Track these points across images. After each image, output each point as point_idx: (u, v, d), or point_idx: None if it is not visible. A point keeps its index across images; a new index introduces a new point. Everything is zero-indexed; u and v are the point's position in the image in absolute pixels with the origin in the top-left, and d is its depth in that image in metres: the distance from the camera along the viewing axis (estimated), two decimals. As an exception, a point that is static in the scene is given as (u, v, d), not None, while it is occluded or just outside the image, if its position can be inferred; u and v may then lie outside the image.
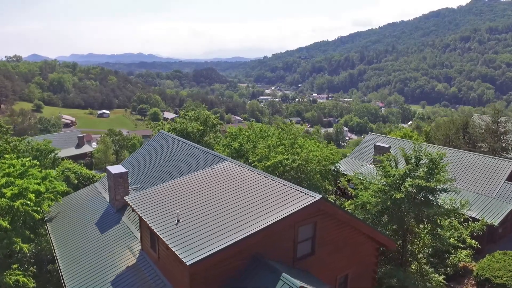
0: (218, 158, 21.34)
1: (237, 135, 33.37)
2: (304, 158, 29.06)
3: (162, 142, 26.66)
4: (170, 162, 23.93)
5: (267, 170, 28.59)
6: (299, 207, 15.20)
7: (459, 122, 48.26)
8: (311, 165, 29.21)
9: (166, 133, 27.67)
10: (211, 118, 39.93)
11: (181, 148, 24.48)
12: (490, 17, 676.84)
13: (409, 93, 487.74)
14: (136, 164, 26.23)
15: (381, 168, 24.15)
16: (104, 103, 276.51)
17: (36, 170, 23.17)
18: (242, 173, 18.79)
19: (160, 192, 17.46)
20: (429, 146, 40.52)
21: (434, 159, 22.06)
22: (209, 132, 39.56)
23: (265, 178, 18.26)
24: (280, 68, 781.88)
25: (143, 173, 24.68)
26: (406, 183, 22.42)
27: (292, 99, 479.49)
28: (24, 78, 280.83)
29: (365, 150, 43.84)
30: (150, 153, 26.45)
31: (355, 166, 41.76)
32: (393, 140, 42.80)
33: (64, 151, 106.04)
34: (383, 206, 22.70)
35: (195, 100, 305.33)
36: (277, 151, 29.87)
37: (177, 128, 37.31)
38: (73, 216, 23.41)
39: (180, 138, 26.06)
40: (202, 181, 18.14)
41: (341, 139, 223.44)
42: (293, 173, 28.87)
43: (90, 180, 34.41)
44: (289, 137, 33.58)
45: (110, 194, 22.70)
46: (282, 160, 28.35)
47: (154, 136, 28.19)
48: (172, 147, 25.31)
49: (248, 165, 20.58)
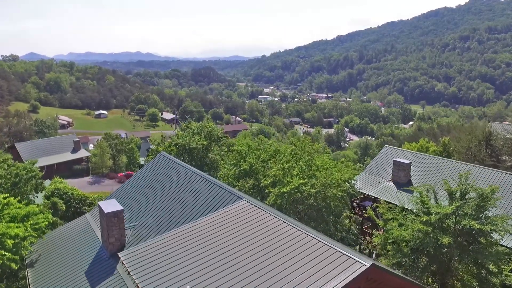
0: (231, 196, 17.94)
1: (246, 154, 30.03)
2: (324, 183, 25.79)
3: (164, 168, 23.18)
4: (173, 195, 20.53)
5: (282, 197, 25.30)
6: (344, 281, 11.74)
7: (481, 134, 45.02)
8: (331, 190, 25.94)
9: (168, 156, 24.26)
10: (216, 131, 36.54)
11: (187, 178, 21.06)
12: (489, 17, 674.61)
13: (409, 93, 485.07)
14: (133, 194, 22.78)
15: (418, 201, 20.81)
16: (101, 103, 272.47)
17: (13, 207, 19.72)
18: (264, 221, 15.48)
19: (163, 249, 14.06)
20: (452, 162, 37.28)
21: (485, 195, 18.76)
22: (213, 146, 36.22)
23: (294, 229, 14.90)
24: (279, 67, 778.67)
25: (141, 207, 21.27)
26: (449, 221, 19.09)
27: (291, 99, 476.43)
28: (20, 78, 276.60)
29: (382, 165, 40.55)
30: (150, 180, 22.99)
31: (372, 183, 38.51)
32: (412, 155, 39.50)
33: (59, 156, 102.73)
34: (422, 247, 19.40)
35: (194, 100, 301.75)
36: (293, 174, 26.57)
37: (180, 144, 34.00)
38: (59, 260, 19.99)
39: (184, 164, 22.62)
40: (216, 233, 14.73)
41: (342, 140, 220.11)
42: (312, 201, 25.59)
43: (82, 203, 31.03)
44: (304, 154, 30.31)
45: (103, 234, 19.29)
46: (299, 186, 25.06)
47: (154, 159, 24.75)
48: (176, 175, 21.86)
49: (268, 206, 17.23)
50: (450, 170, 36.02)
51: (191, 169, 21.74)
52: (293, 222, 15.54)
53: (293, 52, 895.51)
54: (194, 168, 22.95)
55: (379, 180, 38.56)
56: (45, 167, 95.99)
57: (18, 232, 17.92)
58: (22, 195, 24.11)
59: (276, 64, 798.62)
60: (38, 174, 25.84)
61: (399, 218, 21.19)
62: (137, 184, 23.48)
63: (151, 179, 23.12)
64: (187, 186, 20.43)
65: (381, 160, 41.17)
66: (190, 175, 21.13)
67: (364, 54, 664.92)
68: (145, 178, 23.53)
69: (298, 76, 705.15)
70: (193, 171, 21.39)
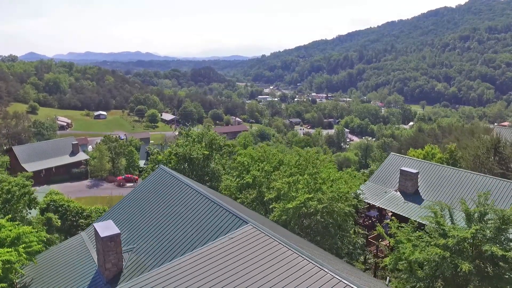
0: (236, 219, 16.70)
1: (249, 165, 28.85)
2: (331, 197, 24.64)
3: (164, 184, 21.92)
4: (174, 216, 19.23)
5: (288, 213, 24.12)
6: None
7: (489, 141, 43.81)
8: (338, 205, 24.79)
9: (168, 170, 23.03)
10: (218, 139, 35.30)
11: (189, 197, 19.77)
12: (489, 16, 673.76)
13: (409, 93, 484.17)
14: (131, 212, 21.53)
15: (433, 221, 19.64)
16: (101, 104, 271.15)
17: (5, 230, 18.44)
18: (271, 250, 14.30)
19: (165, 283, 12.87)
20: (460, 171, 36.13)
21: (507, 217, 17.60)
22: (215, 155, 35.01)
23: (301, 257, 13.77)
24: (279, 67, 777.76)
25: (140, 227, 20.03)
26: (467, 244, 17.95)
27: (291, 99, 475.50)
28: (19, 79, 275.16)
29: (388, 174, 39.37)
30: (149, 198, 21.75)
31: (378, 192, 37.33)
32: (419, 163, 38.31)
33: (57, 159, 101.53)
34: (438, 272, 18.25)
35: (194, 100, 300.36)
36: (298, 188, 25.39)
37: (180, 153, 32.80)
38: (52, 286, 18.77)
39: (186, 181, 21.38)
40: (221, 264, 13.49)
41: (343, 141, 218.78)
42: (319, 217, 24.42)
43: (78, 215, 29.79)
44: (309, 165, 29.16)
45: (99, 259, 18.09)
46: (306, 201, 23.88)
47: (153, 174, 23.53)
48: (177, 193, 20.61)
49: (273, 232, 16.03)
50: (459, 180, 34.90)
51: (193, 187, 20.47)
52: (300, 250, 14.42)
53: (293, 52, 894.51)
54: (196, 185, 21.75)
55: (385, 190, 37.42)
56: (43, 171, 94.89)
57: (9, 257, 16.73)
58: (14, 212, 22.92)
59: (276, 64, 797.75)
60: (31, 191, 24.65)
61: (413, 239, 20.01)
62: (135, 201, 22.25)
63: (150, 196, 21.89)
64: (190, 207, 19.19)
65: (387, 169, 40.00)
66: (193, 194, 19.88)
67: (364, 54, 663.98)
68: (144, 195, 22.28)
69: (298, 76, 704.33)
70: (196, 189, 20.13)
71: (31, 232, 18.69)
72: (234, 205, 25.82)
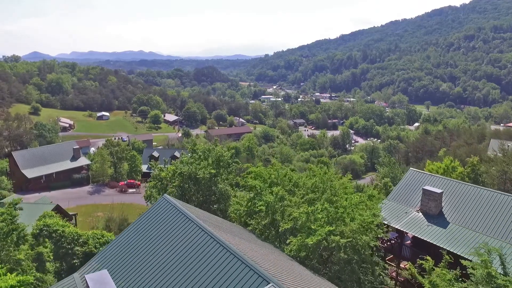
0: (256, 277, 14.01)
1: (261, 189, 26.18)
2: (355, 230, 22.01)
3: (167, 221, 18.95)
4: (179, 262, 16.46)
5: (307, 248, 21.47)
6: None
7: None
8: (363, 238, 22.14)
9: (172, 202, 20.24)
10: (225, 156, 32.64)
11: (196, 239, 16.98)
12: (494, 16, 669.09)
13: (413, 93, 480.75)
14: (129, 256, 18.62)
15: (484, 272, 16.97)
16: (103, 104, 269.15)
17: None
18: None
19: None
20: (489, 192, 33.36)
21: None
22: (222, 173, 32.36)
23: None
24: (282, 66, 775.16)
25: (138, 277, 17.15)
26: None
27: (294, 99, 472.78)
28: (21, 79, 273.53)
29: (408, 191, 36.63)
30: (151, 238, 18.88)
31: (398, 212, 34.61)
32: (442, 181, 35.52)
33: (58, 165, 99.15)
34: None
35: (197, 101, 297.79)
36: (317, 218, 22.71)
37: (185, 172, 30.20)
38: None
39: (192, 217, 18.62)
40: None
41: (348, 143, 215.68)
42: (342, 253, 21.74)
43: (74, 242, 27.10)
44: (327, 189, 26.49)
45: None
46: (327, 236, 21.21)
47: (156, 206, 20.84)
48: (185, 234, 17.75)
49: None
50: (487, 201, 32.19)
51: (204, 228, 17.58)
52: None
53: (296, 51, 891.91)
54: (204, 218, 19.12)
55: (406, 210, 34.70)
56: (43, 177, 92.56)
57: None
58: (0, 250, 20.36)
59: (279, 63, 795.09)
60: (20, 226, 21.97)
61: (455, 285, 17.35)
62: (135, 241, 19.48)
63: (153, 235, 19.05)
64: (200, 254, 16.38)
65: (406, 186, 37.25)
66: (202, 237, 17.11)
67: (368, 53, 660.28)
68: (145, 234, 19.40)
69: (301, 75, 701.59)
70: (206, 231, 17.32)
71: (25, 256, 16.08)
72: (245, 236, 23.19)
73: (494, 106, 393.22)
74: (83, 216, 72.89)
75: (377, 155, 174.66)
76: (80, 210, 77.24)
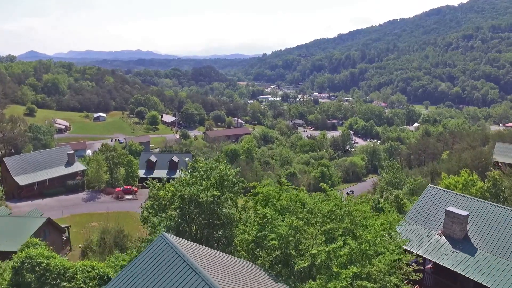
0: None
1: (272, 218, 23.21)
2: (384, 271, 19.17)
3: (166, 268, 16.28)
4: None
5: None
6: None
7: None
8: (392, 279, 19.32)
9: (172, 242, 17.27)
10: (230, 174, 29.69)
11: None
12: (492, 15, 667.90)
13: (412, 93, 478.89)
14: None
15: None
16: (100, 105, 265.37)
17: None
18: None
19: None
20: None
21: None
22: (226, 194, 29.45)
23: None
24: (280, 66, 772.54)
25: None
26: None
27: (293, 99, 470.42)
28: (17, 79, 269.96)
29: (427, 211, 33.82)
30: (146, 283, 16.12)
31: (418, 235, 31.79)
32: (465, 200, 32.66)
33: (52, 171, 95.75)
34: None
35: (195, 101, 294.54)
36: (339, 255, 19.83)
37: (186, 195, 27.30)
38: None
39: (195, 265, 15.71)
40: None
41: (348, 144, 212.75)
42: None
43: (60, 277, 23.95)
44: (345, 218, 23.61)
45: None
46: (353, 281, 18.35)
47: (151, 246, 17.90)
48: (182, 282, 15.06)
49: None
50: (516, 223, 29.38)
51: (208, 281, 14.74)
52: None
53: (294, 51, 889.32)
54: (209, 261, 16.20)
55: (427, 233, 31.87)
56: (36, 184, 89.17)
57: None
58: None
59: (277, 62, 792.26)
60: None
61: None
62: (129, 286, 16.66)
63: (149, 280, 16.23)
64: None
65: (425, 205, 34.43)
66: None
67: (366, 53, 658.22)
68: (140, 278, 16.65)
69: (299, 75, 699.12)
70: (208, 282, 14.44)
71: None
72: (254, 275, 20.32)
73: (493, 106, 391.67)
74: (77, 226, 69.89)
75: (377, 157, 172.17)
76: (74, 219, 74.24)
